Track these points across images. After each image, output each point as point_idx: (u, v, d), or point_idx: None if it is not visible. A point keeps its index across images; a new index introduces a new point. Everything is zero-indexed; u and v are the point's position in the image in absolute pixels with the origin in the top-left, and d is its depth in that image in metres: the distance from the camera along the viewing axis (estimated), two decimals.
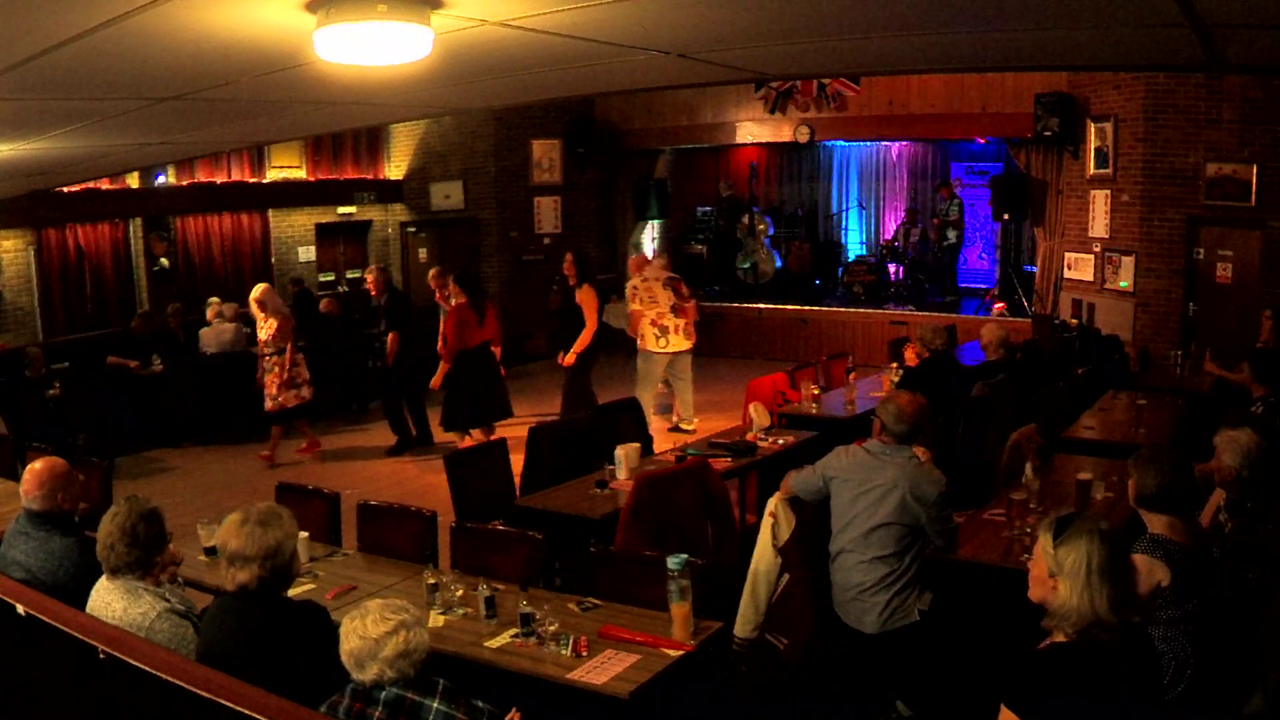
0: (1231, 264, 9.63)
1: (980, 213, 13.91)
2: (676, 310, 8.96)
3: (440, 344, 8.26)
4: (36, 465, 3.75)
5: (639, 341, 9.02)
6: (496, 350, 8.41)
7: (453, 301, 8.37)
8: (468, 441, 7.98)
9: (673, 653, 3.33)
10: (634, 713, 3.09)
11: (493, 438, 7.77)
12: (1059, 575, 2.34)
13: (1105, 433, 6.38)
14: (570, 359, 8.64)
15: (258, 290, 8.50)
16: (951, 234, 13.28)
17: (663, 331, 8.94)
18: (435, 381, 8.12)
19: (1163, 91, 9.66)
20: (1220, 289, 9.74)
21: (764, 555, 4.39)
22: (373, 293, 9.26)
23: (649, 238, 15.52)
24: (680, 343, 8.98)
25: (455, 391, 8.15)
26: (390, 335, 8.93)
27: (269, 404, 8.47)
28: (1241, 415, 5.66)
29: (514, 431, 7.15)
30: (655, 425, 8.84)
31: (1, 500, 5.22)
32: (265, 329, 8.44)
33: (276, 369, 8.38)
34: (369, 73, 3.93)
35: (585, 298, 8.64)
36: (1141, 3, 3.59)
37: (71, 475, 3.80)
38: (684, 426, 9.12)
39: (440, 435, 8.74)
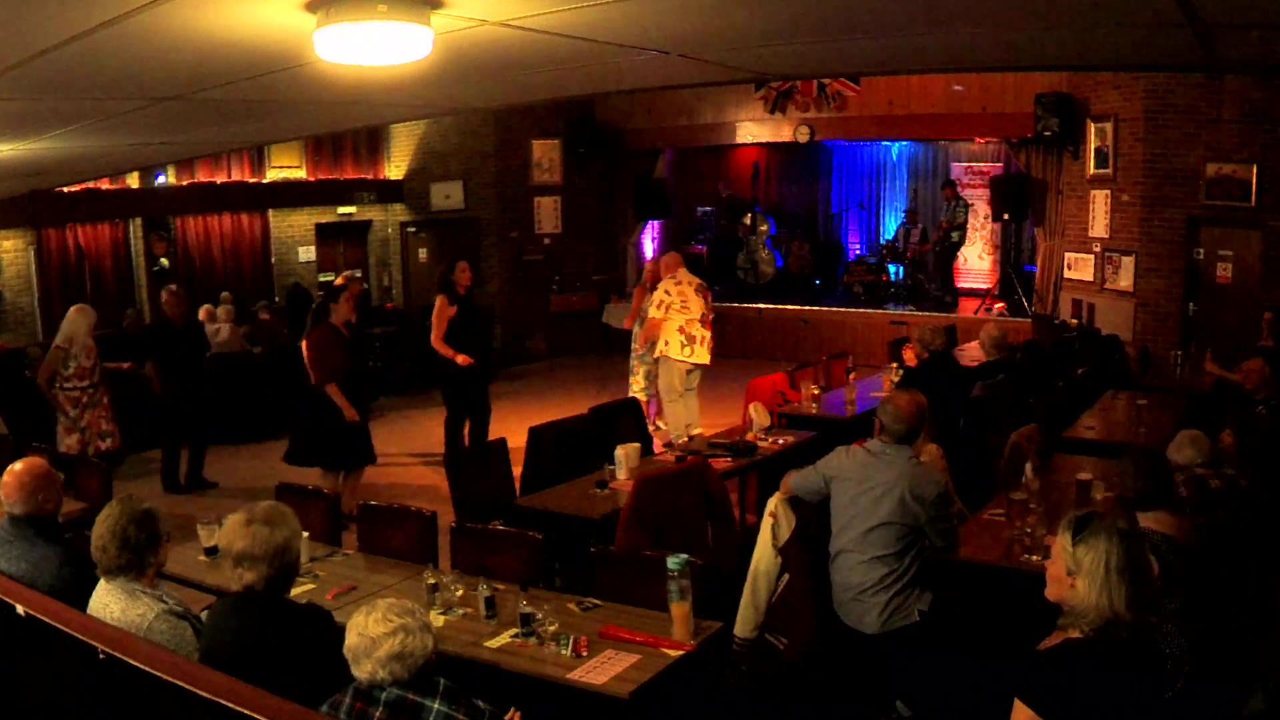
0: (1231, 264, 9.64)
1: (980, 212, 13.92)
2: (704, 320, 8.33)
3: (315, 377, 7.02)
4: (16, 467, 3.60)
5: (661, 347, 8.29)
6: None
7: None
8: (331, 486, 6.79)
9: (673, 653, 3.33)
10: (634, 713, 3.09)
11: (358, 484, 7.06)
12: (1077, 574, 2.34)
13: (1105, 433, 6.38)
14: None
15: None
16: (954, 235, 13.26)
17: (689, 340, 8.24)
18: (351, 413, 6.92)
19: (1163, 91, 9.66)
20: (1220, 289, 9.74)
21: (764, 555, 4.39)
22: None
23: (649, 238, 15.54)
24: (703, 355, 8.32)
25: (316, 425, 6.98)
26: (149, 365, 7.84)
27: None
28: (1246, 417, 5.66)
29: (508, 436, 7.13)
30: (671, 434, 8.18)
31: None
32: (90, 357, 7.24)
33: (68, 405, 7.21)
34: (369, 73, 3.93)
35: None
36: (1141, 3, 3.59)
37: (52, 475, 3.67)
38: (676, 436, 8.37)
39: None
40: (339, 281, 9.61)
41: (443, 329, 7.76)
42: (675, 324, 8.27)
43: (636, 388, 9.14)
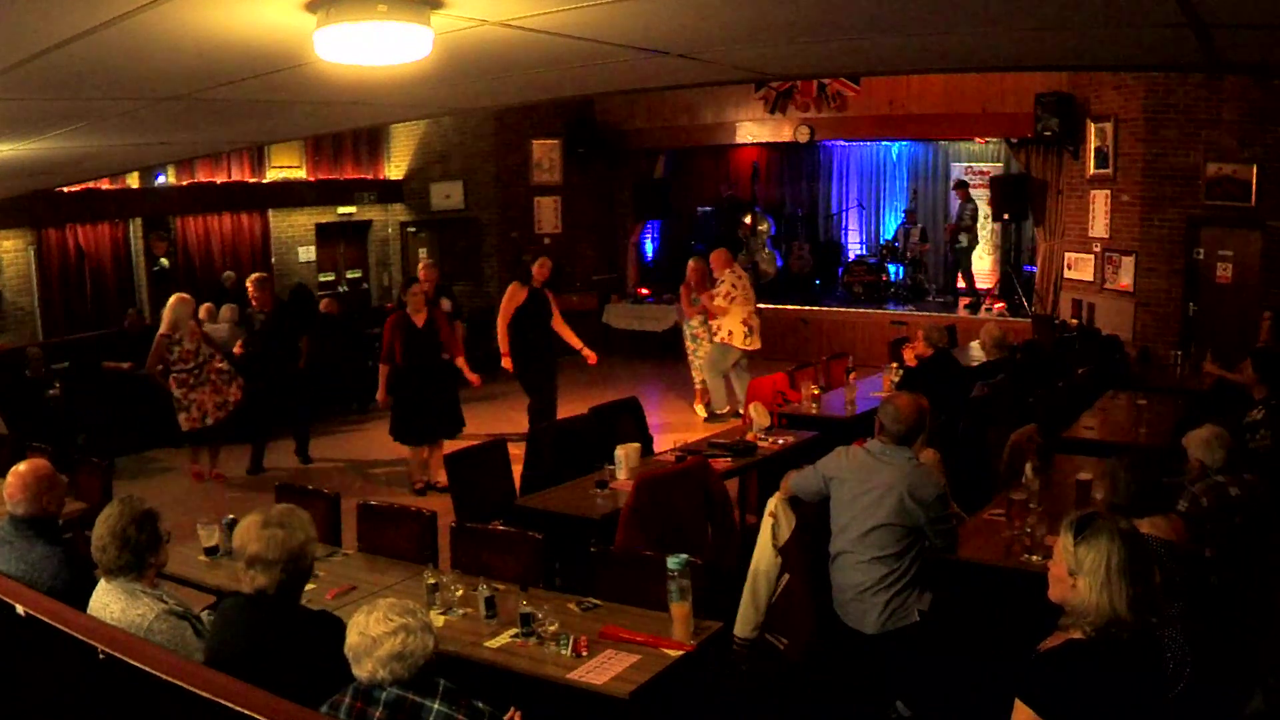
0: (1231, 264, 9.63)
1: (980, 212, 13.91)
2: (757, 311, 9.51)
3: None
4: (20, 468, 3.63)
5: (724, 336, 9.32)
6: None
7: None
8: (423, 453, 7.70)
9: (673, 653, 3.33)
10: (634, 713, 3.09)
11: (438, 454, 7.41)
12: (1078, 574, 2.34)
13: (1105, 433, 6.38)
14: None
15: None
16: (964, 238, 13.14)
17: (750, 331, 9.34)
18: (382, 395, 7.60)
19: (1163, 91, 9.66)
20: (1220, 289, 9.74)
21: (764, 555, 4.39)
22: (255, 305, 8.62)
23: (649, 238, 15.55)
24: (757, 342, 9.47)
25: (404, 403, 7.63)
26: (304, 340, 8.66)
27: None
28: (1244, 417, 5.66)
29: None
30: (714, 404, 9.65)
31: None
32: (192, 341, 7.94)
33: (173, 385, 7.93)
34: (369, 73, 3.93)
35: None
36: (1141, 3, 3.59)
37: (55, 477, 3.69)
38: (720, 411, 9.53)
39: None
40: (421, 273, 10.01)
41: (509, 315, 8.24)
42: (739, 316, 9.33)
43: (698, 379, 9.96)
